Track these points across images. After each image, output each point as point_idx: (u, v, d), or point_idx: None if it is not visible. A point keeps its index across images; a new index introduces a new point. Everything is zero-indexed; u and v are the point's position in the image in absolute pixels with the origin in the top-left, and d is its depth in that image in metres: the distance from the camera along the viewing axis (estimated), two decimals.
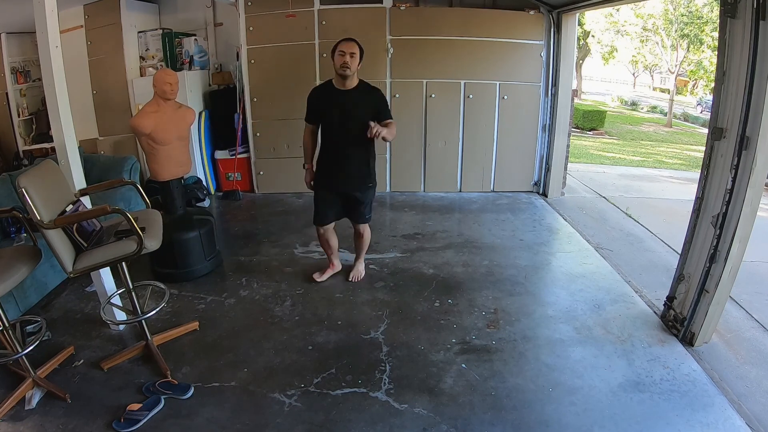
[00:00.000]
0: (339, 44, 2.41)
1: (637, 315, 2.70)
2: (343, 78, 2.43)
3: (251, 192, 4.96)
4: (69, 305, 2.78)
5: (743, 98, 2.05)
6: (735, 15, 2.05)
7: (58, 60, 2.17)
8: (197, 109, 4.58)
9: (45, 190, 1.91)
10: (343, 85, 2.46)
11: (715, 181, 2.26)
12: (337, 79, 2.47)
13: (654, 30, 15.69)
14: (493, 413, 1.97)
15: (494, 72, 4.59)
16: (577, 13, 4.46)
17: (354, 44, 2.40)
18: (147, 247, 2.01)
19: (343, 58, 2.37)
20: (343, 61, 2.37)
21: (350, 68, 2.39)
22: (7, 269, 1.82)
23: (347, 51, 2.37)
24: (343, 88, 2.47)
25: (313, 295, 2.89)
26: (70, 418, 1.92)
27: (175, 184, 2.99)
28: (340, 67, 2.39)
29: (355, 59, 2.40)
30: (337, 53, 2.39)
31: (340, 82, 2.47)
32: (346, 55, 2.36)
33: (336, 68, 2.41)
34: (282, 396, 2.05)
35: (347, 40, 2.42)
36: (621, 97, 22.94)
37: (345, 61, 2.37)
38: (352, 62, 2.38)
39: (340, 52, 2.38)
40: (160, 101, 2.78)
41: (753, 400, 2.06)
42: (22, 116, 5.07)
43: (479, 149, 4.80)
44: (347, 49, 2.37)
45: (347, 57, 2.36)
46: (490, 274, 3.18)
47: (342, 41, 2.41)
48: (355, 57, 2.39)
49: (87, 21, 4.59)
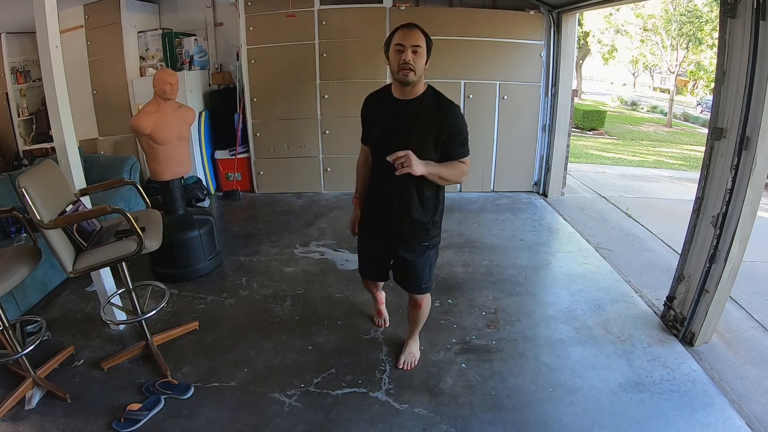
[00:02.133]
0: (395, 34, 1.64)
1: (637, 315, 2.70)
2: (404, 84, 1.67)
3: (251, 192, 4.96)
4: (69, 305, 2.78)
5: (743, 98, 2.04)
6: (735, 15, 2.05)
7: (58, 60, 2.17)
8: (197, 109, 4.58)
9: (45, 190, 1.91)
10: (403, 93, 1.71)
11: (715, 181, 2.26)
12: (396, 86, 1.73)
13: (654, 30, 15.70)
14: (493, 413, 1.97)
15: (494, 72, 4.59)
16: (577, 13, 4.46)
17: (418, 33, 1.62)
18: (147, 247, 2.01)
19: (402, 54, 1.60)
20: (402, 60, 1.60)
21: (414, 70, 1.62)
22: (7, 269, 1.82)
23: (408, 44, 1.59)
24: (402, 97, 1.72)
25: (313, 295, 2.89)
26: (70, 418, 1.92)
27: (175, 184, 2.99)
28: (400, 69, 1.62)
29: (421, 56, 1.63)
30: (394, 48, 1.63)
31: (398, 89, 1.72)
32: (406, 49, 1.59)
33: (393, 71, 1.66)
34: (282, 396, 2.05)
35: (408, 26, 1.64)
36: (621, 97, 22.94)
37: (406, 59, 1.60)
38: (417, 60, 1.61)
39: (398, 47, 1.61)
40: (160, 101, 2.78)
41: (753, 400, 2.06)
42: (22, 116, 5.07)
43: (479, 149, 4.78)
44: (408, 42, 1.60)
45: (408, 53, 1.59)
46: (490, 274, 3.18)
47: (399, 30, 1.64)
48: (420, 53, 1.62)
49: (87, 21, 4.58)
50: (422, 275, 1.95)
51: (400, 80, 1.67)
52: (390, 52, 1.66)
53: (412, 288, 2.01)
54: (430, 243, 1.90)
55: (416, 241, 1.89)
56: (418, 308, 2.10)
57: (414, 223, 1.84)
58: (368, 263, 2.13)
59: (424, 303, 2.09)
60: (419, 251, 1.90)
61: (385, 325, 2.55)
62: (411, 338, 2.28)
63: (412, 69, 1.61)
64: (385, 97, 1.80)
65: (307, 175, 4.83)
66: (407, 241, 1.89)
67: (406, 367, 2.21)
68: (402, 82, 1.68)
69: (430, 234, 1.88)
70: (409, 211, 1.82)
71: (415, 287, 1.99)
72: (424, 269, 1.95)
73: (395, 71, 1.66)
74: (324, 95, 4.59)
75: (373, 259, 2.09)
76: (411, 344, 2.28)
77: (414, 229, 1.86)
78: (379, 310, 2.55)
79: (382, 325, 2.56)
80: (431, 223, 1.87)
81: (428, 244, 1.90)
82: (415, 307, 2.10)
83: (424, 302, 2.08)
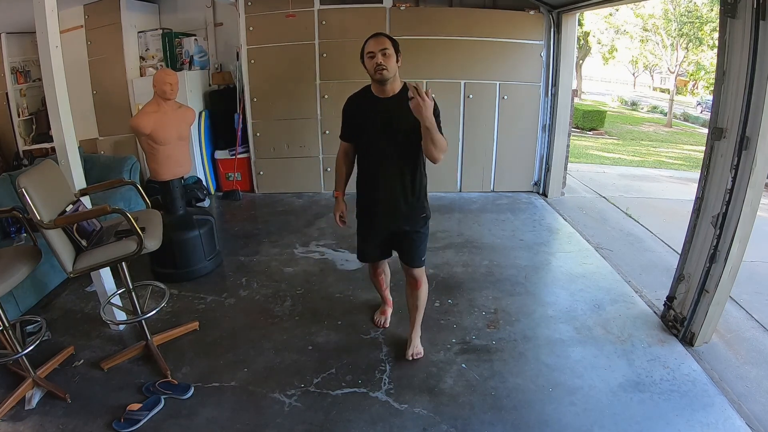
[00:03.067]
0: (366, 45, 1.94)
1: (637, 315, 2.70)
2: (381, 83, 1.94)
3: (251, 192, 4.96)
4: (69, 305, 2.78)
5: (743, 98, 2.04)
6: (735, 15, 2.05)
7: (58, 60, 2.17)
8: (197, 109, 4.58)
9: (45, 190, 1.91)
10: (383, 91, 1.96)
11: (715, 181, 2.26)
12: (375, 86, 1.99)
13: (654, 30, 15.70)
14: (493, 413, 1.97)
15: (494, 72, 4.59)
16: (577, 13, 4.46)
17: (383, 39, 1.91)
18: (147, 247, 2.01)
19: (375, 59, 1.88)
20: (376, 63, 1.89)
21: (387, 69, 1.90)
22: (7, 269, 1.82)
23: (377, 50, 1.88)
24: (382, 95, 1.97)
25: (313, 295, 2.89)
26: (70, 418, 1.92)
27: (175, 184, 2.99)
28: (375, 72, 1.90)
29: (391, 57, 1.90)
30: (367, 56, 1.92)
31: (378, 88, 1.98)
32: (376, 55, 1.88)
33: (371, 74, 1.94)
34: (282, 396, 2.05)
35: (374, 36, 1.94)
36: (621, 97, 22.95)
37: (378, 61, 1.88)
38: (388, 61, 1.89)
39: (370, 54, 1.90)
40: (160, 101, 2.78)
41: (753, 400, 2.06)
42: (22, 116, 5.07)
43: (479, 149, 4.80)
44: (377, 48, 1.88)
45: (379, 57, 1.87)
46: (490, 274, 3.18)
47: (368, 41, 1.94)
48: (389, 54, 1.89)
49: (87, 21, 4.59)
50: (421, 248, 2.17)
51: (378, 80, 1.93)
52: (365, 61, 1.94)
53: (414, 261, 2.18)
54: (426, 213, 2.14)
55: (414, 216, 2.10)
56: (417, 288, 2.24)
57: (409, 199, 2.06)
58: (370, 248, 2.26)
59: (422, 282, 2.24)
60: (417, 223, 2.12)
61: (385, 325, 2.57)
62: (414, 330, 2.35)
63: (385, 68, 1.89)
64: (367, 97, 2.02)
65: (307, 175, 4.83)
66: (408, 217, 2.09)
67: (415, 357, 2.31)
68: (380, 82, 1.94)
69: (424, 205, 2.12)
70: (406, 190, 2.04)
71: (416, 260, 2.18)
72: (423, 242, 2.18)
73: (372, 74, 1.93)
74: (324, 95, 4.59)
75: (372, 245, 2.25)
76: (414, 336, 2.35)
77: (411, 206, 2.08)
78: (384, 310, 2.61)
79: (382, 325, 2.57)
80: (424, 197, 2.11)
81: (424, 215, 2.13)
82: (415, 287, 2.24)
83: (422, 281, 2.23)
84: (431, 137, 1.82)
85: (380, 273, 2.45)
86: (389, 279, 2.55)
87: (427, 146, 1.87)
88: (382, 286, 2.52)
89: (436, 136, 1.83)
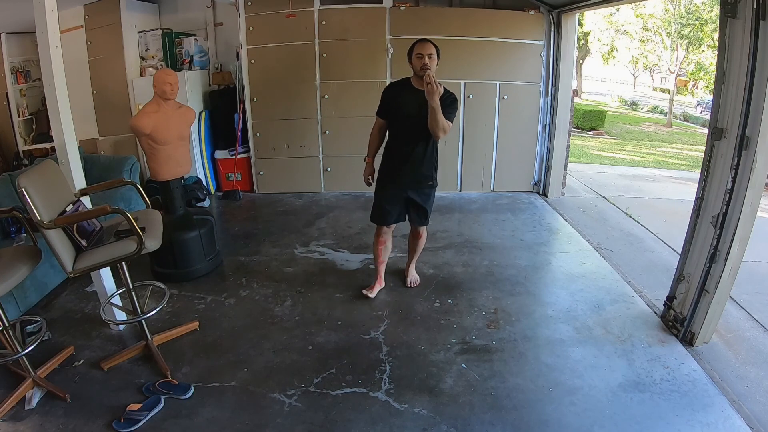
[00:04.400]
0: (415, 47, 2.45)
1: (637, 315, 2.70)
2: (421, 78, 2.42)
3: (251, 192, 4.96)
4: (69, 305, 2.78)
5: (743, 98, 2.04)
6: (735, 15, 2.05)
7: (58, 60, 2.17)
8: (197, 109, 4.58)
9: (45, 190, 1.91)
10: (420, 84, 2.44)
11: (715, 181, 2.26)
12: (416, 79, 2.50)
13: (654, 30, 15.69)
14: (493, 413, 1.97)
15: (494, 72, 4.59)
16: (577, 13, 4.46)
17: (431, 45, 2.44)
18: (147, 247, 2.01)
19: (422, 60, 2.41)
20: (423, 64, 2.40)
21: (431, 69, 2.41)
22: (7, 269, 1.82)
23: (425, 53, 2.40)
24: (419, 87, 2.45)
25: (313, 295, 2.89)
26: (70, 418, 1.92)
27: (175, 184, 2.99)
28: (421, 69, 2.41)
29: (434, 60, 2.43)
30: (415, 56, 2.43)
31: (417, 82, 2.48)
32: (424, 57, 2.40)
33: (416, 71, 2.45)
34: (282, 396, 2.05)
35: (423, 41, 2.45)
36: (621, 97, 22.94)
37: (425, 62, 2.40)
38: (432, 63, 2.41)
39: (418, 55, 2.42)
40: (160, 101, 2.78)
41: (753, 400, 2.06)
42: (22, 116, 5.07)
43: (479, 149, 4.80)
44: (425, 51, 2.41)
45: (426, 59, 2.40)
46: (490, 274, 3.18)
47: (418, 44, 2.45)
48: (433, 58, 2.43)
49: (87, 21, 4.59)
50: (428, 211, 2.73)
51: (421, 76, 2.41)
52: (413, 59, 2.47)
53: (421, 221, 2.75)
54: (435, 183, 2.68)
55: (427, 183, 2.65)
56: (419, 237, 2.86)
57: (427, 171, 2.61)
58: (388, 208, 2.69)
59: (424, 234, 2.86)
60: (429, 189, 2.67)
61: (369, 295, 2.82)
62: (411, 264, 3.00)
63: (429, 68, 2.40)
64: (405, 86, 2.56)
65: (307, 175, 4.83)
66: (423, 183, 2.63)
67: (413, 285, 2.96)
68: (421, 78, 2.41)
69: (434, 177, 2.66)
70: (424, 163, 2.58)
71: (423, 220, 2.75)
72: (430, 206, 2.73)
73: (417, 71, 2.45)
74: (324, 95, 4.59)
75: (391, 204, 2.68)
76: (412, 269, 3.02)
77: (426, 175, 2.62)
78: (373, 287, 2.88)
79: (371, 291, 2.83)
80: (434, 169, 2.65)
81: (433, 184, 2.67)
82: (417, 237, 2.86)
83: (423, 233, 2.85)
84: (435, 116, 2.35)
85: (383, 242, 2.82)
86: (388, 254, 2.90)
87: (431, 122, 2.38)
88: (379, 257, 2.86)
89: (439, 116, 2.35)
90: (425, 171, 2.61)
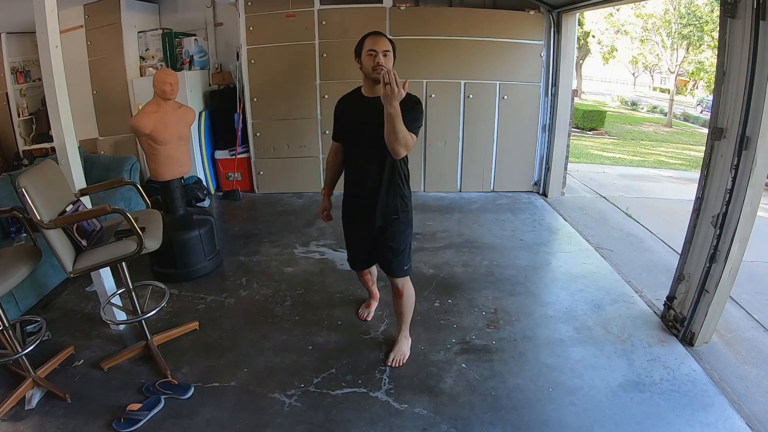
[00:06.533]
0: (365, 42, 1.93)
1: (637, 315, 2.70)
2: (377, 82, 1.91)
3: (251, 192, 4.96)
4: (69, 305, 2.78)
5: (743, 98, 2.04)
6: (735, 15, 2.05)
7: (58, 60, 2.17)
8: (197, 109, 4.58)
9: (45, 190, 1.91)
10: (373, 92, 1.97)
11: (715, 181, 2.26)
12: (367, 86, 1.99)
13: (654, 30, 15.69)
14: (493, 413, 1.97)
15: (494, 72, 4.59)
16: (577, 13, 4.46)
17: (384, 39, 1.92)
18: (147, 247, 2.01)
19: (375, 58, 1.88)
20: (375, 63, 1.88)
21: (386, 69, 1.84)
22: (7, 269, 1.82)
23: (379, 49, 1.88)
24: (372, 95, 1.97)
25: (313, 295, 2.89)
26: (70, 418, 1.92)
27: (175, 184, 2.99)
28: (373, 70, 1.89)
29: (389, 58, 1.91)
30: (366, 54, 1.91)
31: (369, 88, 1.98)
32: (378, 54, 1.88)
33: (367, 72, 1.93)
34: (282, 396, 2.05)
35: (374, 35, 1.94)
36: (621, 97, 22.94)
37: (379, 61, 1.88)
38: (387, 62, 1.90)
39: (370, 52, 1.89)
40: (160, 101, 2.78)
41: (753, 400, 2.06)
42: (22, 116, 5.08)
43: (479, 149, 4.80)
44: (379, 47, 1.89)
45: (380, 56, 1.88)
46: (490, 274, 3.18)
47: (368, 38, 1.94)
48: (389, 55, 1.91)
49: (87, 21, 4.59)
50: (403, 256, 2.14)
51: (375, 78, 1.91)
52: (363, 57, 1.93)
53: (397, 270, 2.15)
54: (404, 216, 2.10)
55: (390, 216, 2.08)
56: (400, 297, 2.22)
57: (390, 199, 2.05)
58: (354, 251, 2.31)
59: (406, 290, 2.21)
60: (394, 222, 2.09)
61: (367, 318, 2.65)
62: (401, 334, 2.34)
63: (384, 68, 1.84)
64: (357, 98, 2.05)
65: (307, 175, 4.83)
66: (385, 216, 2.07)
67: (395, 365, 2.26)
68: (376, 81, 1.91)
69: (404, 207, 2.09)
70: (385, 189, 2.03)
71: (396, 267, 2.14)
72: (404, 250, 2.14)
73: (369, 72, 1.92)
74: (324, 95, 4.59)
75: (357, 246, 2.27)
76: (401, 341, 2.34)
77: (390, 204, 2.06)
78: (369, 303, 2.71)
79: (365, 318, 2.65)
80: (403, 197, 2.08)
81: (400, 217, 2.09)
82: (399, 296, 2.22)
83: (405, 289, 2.21)
84: (392, 125, 1.77)
85: (365, 273, 2.53)
86: (375, 276, 2.63)
87: (387, 134, 1.81)
88: (368, 283, 2.62)
89: (398, 125, 1.77)
90: (390, 200, 2.05)
